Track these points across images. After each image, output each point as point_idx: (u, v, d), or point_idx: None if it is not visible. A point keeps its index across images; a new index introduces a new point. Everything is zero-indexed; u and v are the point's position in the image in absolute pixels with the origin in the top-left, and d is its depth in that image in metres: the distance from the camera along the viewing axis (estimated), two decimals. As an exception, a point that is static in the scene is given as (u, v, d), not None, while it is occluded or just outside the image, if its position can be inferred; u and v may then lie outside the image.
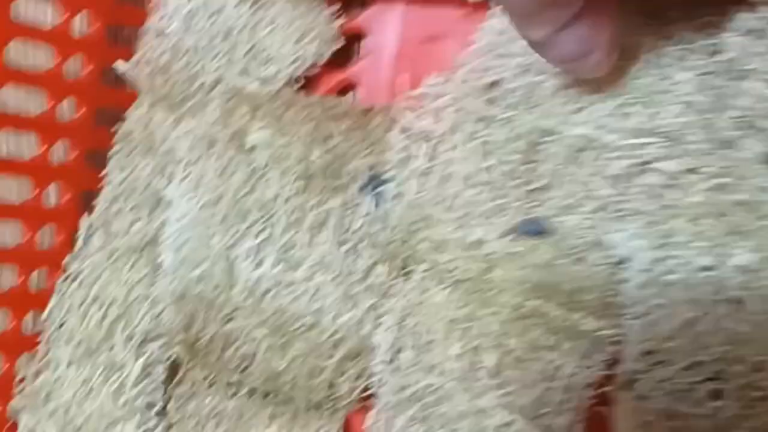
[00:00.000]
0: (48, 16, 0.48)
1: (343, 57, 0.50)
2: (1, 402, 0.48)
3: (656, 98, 0.38)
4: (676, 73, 0.38)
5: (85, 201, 0.50)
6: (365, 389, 0.44)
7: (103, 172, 0.50)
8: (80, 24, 0.50)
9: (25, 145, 0.49)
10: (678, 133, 0.37)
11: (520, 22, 0.33)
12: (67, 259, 0.49)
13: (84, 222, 0.49)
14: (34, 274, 0.50)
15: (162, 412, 0.47)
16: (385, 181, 0.43)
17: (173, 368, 0.48)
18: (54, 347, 0.48)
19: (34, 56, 0.48)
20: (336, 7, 0.48)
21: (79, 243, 0.49)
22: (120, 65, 0.50)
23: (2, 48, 0.45)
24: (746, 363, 0.35)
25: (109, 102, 0.51)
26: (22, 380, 0.48)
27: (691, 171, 0.37)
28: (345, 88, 0.50)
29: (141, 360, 0.47)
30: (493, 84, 0.41)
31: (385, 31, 0.49)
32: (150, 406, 0.47)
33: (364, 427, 0.44)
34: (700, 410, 0.36)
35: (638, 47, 0.38)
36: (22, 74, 0.47)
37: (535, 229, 0.40)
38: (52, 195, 0.50)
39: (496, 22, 0.42)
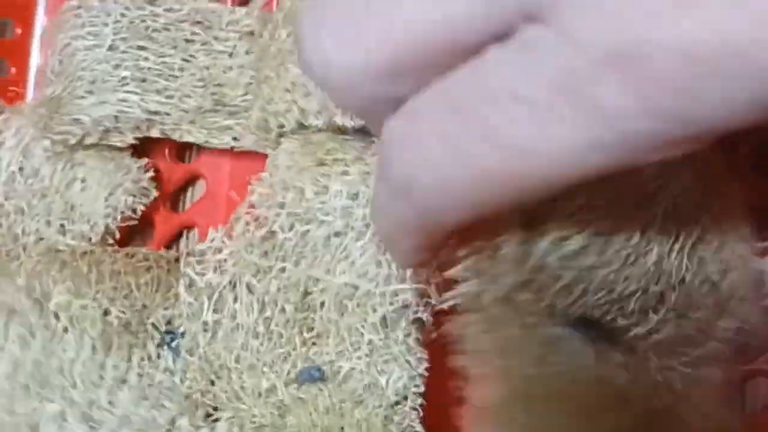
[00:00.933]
0: None
1: (182, 199, 0.52)
2: None
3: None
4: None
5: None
6: None
7: None
8: None
9: None
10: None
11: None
12: None
13: None
14: None
15: None
16: (181, 335, 0.44)
17: None
18: None
19: None
20: (144, 161, 0.49)
21: None
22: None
23: None
24: None
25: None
26: None
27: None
28: (185, 228, 0.52)
29: None
30: (268, 236, 0.42)
31: (218, 173, 0.51)
32: None
33: None
34: None
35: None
36: None
37: (314, 377, 0.41)
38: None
39: (266, 175, 0.43)
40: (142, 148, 0.50)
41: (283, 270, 0.41)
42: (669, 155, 0.24)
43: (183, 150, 0.53)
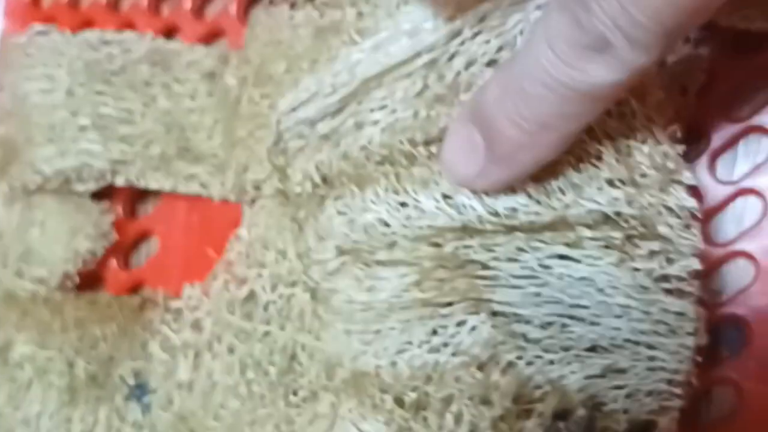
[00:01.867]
0: None
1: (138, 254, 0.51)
2: None
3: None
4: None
5: None
6: None
7: None
8: None
9: None
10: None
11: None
12: None
13: None
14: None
15: None
16: (151, 389, 0.44)
17: None
18: None
19: None
20: (106, 203, 0.49)
21: None
22: None
23: None
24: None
25: None
26: None
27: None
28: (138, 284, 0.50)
29: None
30: (249, 296, 0.42)
31: (171, 229, 0.50)
32: None
33: None
34: None
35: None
36: None
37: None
38: None
39: (244, 232, 0.43)
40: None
41: (267, 333, 0.42)
42: None
43: (134, 204, 0.51)
